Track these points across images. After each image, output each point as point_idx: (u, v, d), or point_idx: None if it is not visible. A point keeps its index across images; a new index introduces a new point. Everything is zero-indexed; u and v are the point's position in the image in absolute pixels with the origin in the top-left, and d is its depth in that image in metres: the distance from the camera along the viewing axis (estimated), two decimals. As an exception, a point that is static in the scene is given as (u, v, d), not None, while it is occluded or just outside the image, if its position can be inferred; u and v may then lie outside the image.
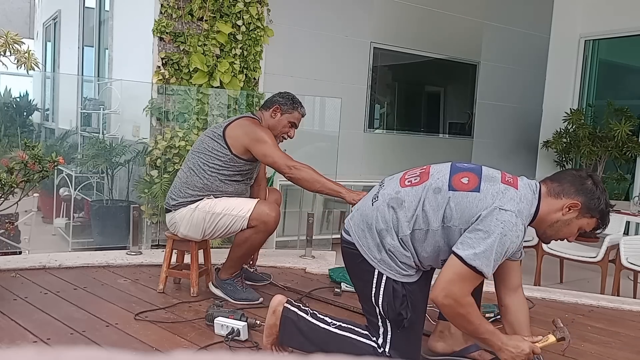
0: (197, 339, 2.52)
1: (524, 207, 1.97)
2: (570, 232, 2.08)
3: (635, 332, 3.03)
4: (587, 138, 6.85)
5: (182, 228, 3.09)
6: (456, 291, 1.90)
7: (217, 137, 3.07)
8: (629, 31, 6.89)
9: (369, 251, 2.09)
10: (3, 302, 2.80)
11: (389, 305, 2.07)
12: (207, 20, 4.84)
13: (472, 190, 1.98)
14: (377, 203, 2.12)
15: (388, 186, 2.16)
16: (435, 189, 2.03)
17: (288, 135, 3.25)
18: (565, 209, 2.03)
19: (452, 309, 1.92)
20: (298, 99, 3.28)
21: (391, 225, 2.05)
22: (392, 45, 6.22)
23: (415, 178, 2.11)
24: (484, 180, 2.01)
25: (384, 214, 2.07)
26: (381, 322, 2.12)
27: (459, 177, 2.04)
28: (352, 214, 2.23)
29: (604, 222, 2.08)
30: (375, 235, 2.07)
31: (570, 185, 2.05)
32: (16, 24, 11.99)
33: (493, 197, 1.95)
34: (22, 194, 3.14)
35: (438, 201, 2.00)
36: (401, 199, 2.06)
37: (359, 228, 2.13)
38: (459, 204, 1.97)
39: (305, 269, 3.88)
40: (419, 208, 2.02)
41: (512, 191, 1.98)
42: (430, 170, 2.12)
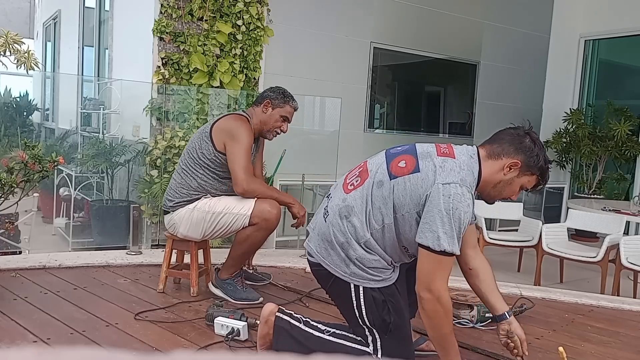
0: (197, 339, 2.52)
1: (465, 175, 1.98)
2: (513, 190, 2.11)
3: (635, 332, 3.03)
4: (587, 138, 6.85)
5: (181, 228, 3.09)
6: (437, 284, 1.92)
7: (204, 136, 3.07)
8: (629, 31, 6.89)
9: (338, 267, 2.08)
10: (3, 302, 2.80)
11: (373, 313, 2.07)
12: (207, 20, 4.84)
13: (412, 172, 1.99)
14: (329, 218, 2.11)
15: (334, 196, 2.16)
16: (378, 182, 2.03)
17: (281, 130, 3.21)
18: (506, 168, 2.06)
19: (432, 305, 1.93)
20: (289, 93, 3.24)
21: (349, 235, 2.04)
22: (392, 45, 6.22)
23: (356, 180, 2.12)
24: (420, 158, 2.02)
25: (339, 226, 2.06)
26: (368, 331, 2.13)
27: (396, 163, 2.04)
28: (310, 236, 2.21)
29: (544, 178, 2.11)
30: (339, 250, 2.06)
31: (509, 144, 2.07)
32: (16, 23, 11.99)
33: (434, 173, 1.95)
34: (22, 194, 3.13)
35: (384, 194, 2.01)
36: (350, 206, 2.06)
37: (321, 248, 2.12)
38: (404, 189, 1.98)
39: (305, 269, 3.88)
40: (369, 208, 2.02)
41: (450, 162, 1.99)
42: (368, 167, 2.13)
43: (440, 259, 1.92)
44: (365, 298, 2.07)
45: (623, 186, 7.09)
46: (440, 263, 1.93)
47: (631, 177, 7.03)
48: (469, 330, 2.85)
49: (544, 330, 2.94)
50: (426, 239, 1.91)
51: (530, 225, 4.80)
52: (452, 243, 1.91)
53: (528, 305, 3.15)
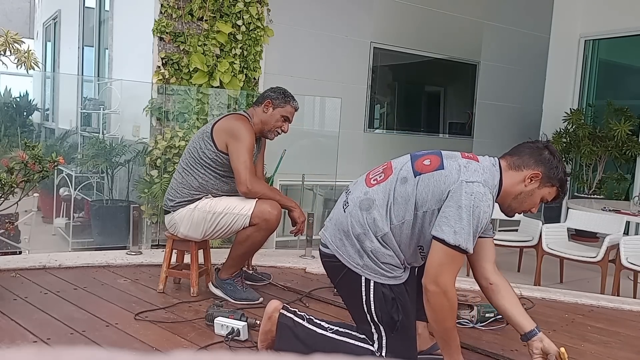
0: (197, 339, 2.52)
1: (488, 177, 2.02)
2: (534, 202, 2.13)
3: (635, 332, 3.03)
4: (587, 138, 6.85)
5: (182, 228, 3.09)
6: (445, 278, 1.92)
7: (205, 136, 3.08)
8: (629, 31, 6.89)
9: (351, 259, 2.08)
10: (3, 302, 2.80)
11: (381, 309, 2.07)
12: (207, 20, 4.84)
13: (436, 169, 2.02)
14: (348, 209, 2.12)
15: (355, 190, 2.17)
16: (402, 179, 2.05)
17: (282, 130, 3.22)
18: (528, 179, 2.08)
19: (438, 298, 1.93)
20: (290, 93, 3.25)
21: (367, 227, 2.05)
22: (392, 45, 6.22)
23: (379, 175, 2.14)
24: (445, 158, 2.06)
25: (358, 217, 2.07)
26: (374, 329, 2.13)
27: (421, 161, 2.08)
28: (326, 226, 2.22)
29: (563, 190, 2.13)
30: (354, 242, 2.07)
31: (529, 156, 2.10)
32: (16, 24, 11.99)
33: (458, 171, 1.99)
34: (22, 194, 3.13)
35: (407, 190, 2.03)
36: (371, 199, 2.07)
37: (336, 238, 2.13)
38: (427, 185, 2.00)
39: (305, 269, 3.88)
40: (391, 203, 2.04)
41: (474, 164, 2.04)
42: (393, 165, 2.15)
43: (453, 254, 1.92)
44: (375, 293, 2.07)
45: (623, 186, 7.09)
46: (452, 258, 1.93)
47: (631, 177, 7.03)
48: (469, 330, 2.85)
49: (544, 330, 2.92)
50: (442, 232, 1.92)
51: (530, 225, 4.80)
52: (468, 240, 1.91)
53: (528, 305, 3.15)
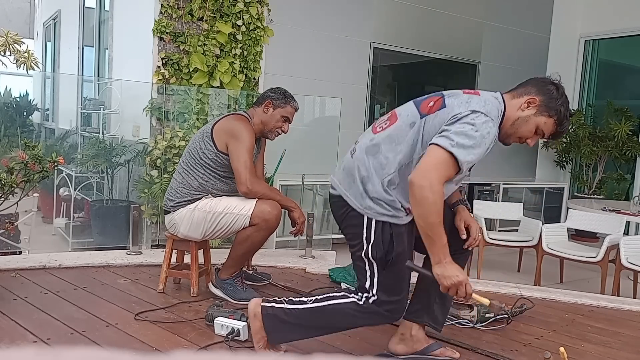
0: (197, 339, 2.52)
1: (490, 109, 2.05)
2: (529, 130, 2.13)
3: (635, 332, 3.03)
4: (587, 138, 6.85)
5: (182, 228, 3.09)
6: (433, 174, 1.93)
7: (205, 136, 3.08)
8: (629, 31, 6.89)
9: (356, 199, 2.15)
10: (3, 302, 2.80)
11: (377, 246, 2.12)
12: (207, 20, 4.84)
13: (440, 108, 2.07)
14: (355, 154, 2.20)
15: (362, 138, 2.25)
16: (410, 123, 2.11)
17: (282, 130, 3.23)
18: (524, 104, 2.11)
19: (422, 190, 1.92)
20: (290, 94, 3.26)
21: (372, 171, 2.12)
22: (392, 45, 6.22)
23: (385, 123, 2.20)
24: (447, 97, 2.11)
25: (364, 161, 2.14)
26: (368, 265, 2.17)
27: (426, 103, 2.13)
28: (335, 171, 2.30)
29: (561, 124, 2.13)
30: (359, 184, 2.14)
31: (532, 86, 2.15)
32: (16, 24, 11.99)
33: (459, 106, 2.04)
34: (22, 194, 3.14)
35: (414, 132, 2.09)
36: (377, 144, 2.14)
37: (345, 181, 2.20)
38: (432, 124, 2.05)
39: (305, 269, 3.88)
40: (399, 146, 2.10)
41: (475, 98, 2.08)
42: (397, 112, 2.21)
43: (447, 159, 1.94)
44: (375, 231, 2.12)
45: (623, 186, 7.09)
46: (444, 162, 1.94)
47: (631, 177, 7.03)
48: (469, 330, 2.85)
49: (544, 330, 2.94)
50: (438, 140, 1.96)
51: (530, 225, 4.80)
52: (464, 155, 1.93)
53: (528, 305, 3.15)
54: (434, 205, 1.93)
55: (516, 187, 6.92)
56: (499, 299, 3.34)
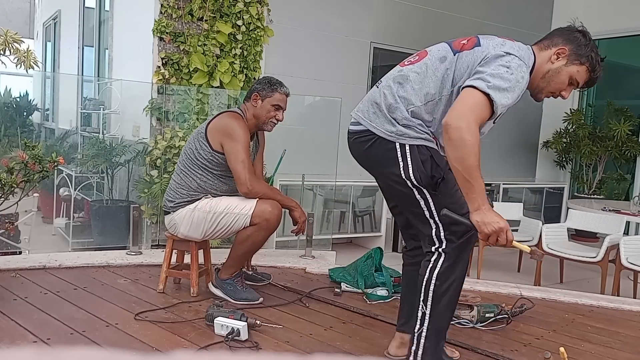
0: (197, 339, 2.52)
1: (524, 54, 2.01)
2: (561, 81, 2.08)
3: (635, 332, 3.03)
4: (587, 138, 6.85)
5: (182, 228, 3.09)
6: (469, 115, 1.86)
7: (200, 136, 3.07)
8: (629, 31, 6.89)
9: (383, 128, 2.07)
10: (3, 302, 2.80)
11: (419, 170, 2.03)
12: (207, 20, 4.84)
13: (474, 46, 2.03)
14: (381, 85, 2.14)
15: (389, 73, 2.18)
16: (441, 58, 2.07)
17: (276, 119, 3.16)
18: (554, 56, 2.07)
19: (460, 132, 1.84)
20: (277, 80, 3.18)
21: (398, 99, 2.06)
22: (392, 45, 6.22)
23: (414, 57, 2.15)
24: (482, 38, 2.08)
25: (391, 89, 2.09)
26: (419, 194, 2.07)
27: (458, 42, 2.10)
28: (358, 106, 2.22)
29: (594, 71, 2.08)
30: (385, 112, 2.07)
31: (559, 36, 2.10)
32: (16, 24, 11.98)
33: (494, 47, 2.00)
34: (22, 194, 3.13)
35: (446, 67, 2.04)
36: (405, 75, 2.09)
37: (369, 112, 2.13)
38: (465, 61, 2.01)
39: (305, 269, 3.88)
40: (428, 79, 2.05)
41: (509, 42, 2.05)
42: (427, 49, 2.17)
43: (483, 100, 1.88)
44: (412, 154, 2.04)
45: (623, 186, 7.09)
46: (481, 104, 1.88)
47: (631, 177, 7.03)
48: (469, 330, 2.85)
49: (544, 330, 2.94)
50: (473, 81, 1.91)
51: (530, 225, 4.80)
52: (499, 97, 1.88)
53: (528, 305, 3.15)
54: (472, 147, 1.85)
55: (516, 187, 6.92)
56: (499, 299, 3.34)
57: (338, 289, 3.35)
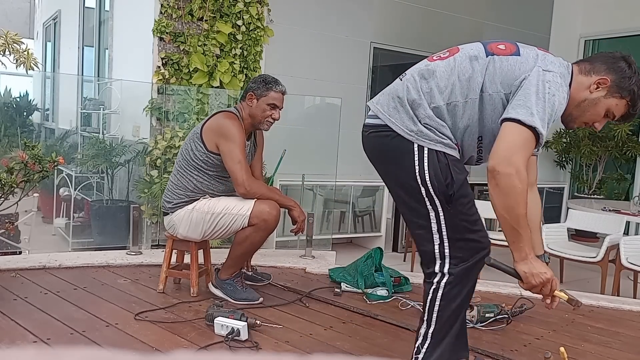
0: (197, 339, 2.52)
1: (564, 72, 1.89)
2: (597, 113, 1.94)
3: (635, 332, 3.03)
4: (587, 138, 6.85)
5: (181, 229, 3.09)
6: (518, 158, 1.73)
7: (195, 137, 3.07)
8: (629, 31, 6.89)
9: (404, 125, 1.92)
10: (3, 302, 2.80)
11: (436, 177, 1.88)
12: (207, 20, 4.84)
13: (512, 54, 1.90)
14: (406, 77, 1.98)
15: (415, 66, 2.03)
16: (472, 57, 1.93)
17: (272, 118, 3.13)
18: (594, 85, 1.91)
19: (509, 179, 1.71)
20: (272, 79, 3.15)
21: (422, 95, 1.91)
22: (392, 45, 6.22)
23: (444, 53, 2.01)
24: (521, 46, 1.94)
25: (415, 84, 1.93)
26: (430, 204, 1.91)
27: (495, 45, 1.95)
28: (377, 98, 2.04)
29: (634, 105, 1.93)
30: (408, 108, 1.92)
31: (602, 63, 1.94)
32: (16, 24, 11.99)
33: (535, 59, 1.87)
34: (22, 194, 3.13)
35: (475, 68, 1.90)
36: (432, 70, 1.94)
37: (389, 106, 1.96)
38: (499, 67, 1.88)
39: (305, 269, 3.88)
40: (454, 77, 1.91)
41: (550, 56, 1.92)
42: (460, 46, 2.02)
43: (527, 136, 1.74)
44: (430, 159, 1.88)
45: (623, 186, 7.09)
46: (525, 140, 1.75)
47: (631, 177, 7.03)
48: (469, 330, 2.82)
49: (544, 330, 2.94)
50: (517, 113, 1.75)
51: (530, 225, 4.79)
52: (544, 125, 1.75)
53: (528, 305, 3.15)
54: (522, 194, 1.73)
55: (516, 187, 6.90)
56: (499, 299, 3.34)
57: (338, 289, 3.35)
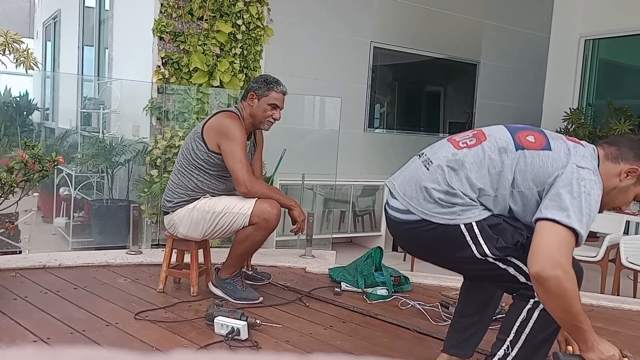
0: (197, 339, 2.52)
1: (595, 166, 1.84)
2: (626, 199, 1.95)
3: (635, 332, 3.03)
4: (587, 137, 6.85)
5: (181, 228, 3.09)
6: (562, 259, 1.67)
7: (196, 136, 3.07)
8: (629, 31, 6.89)
9: (444, 215, 1.85)
10: (3, 302, 2.80)
11: (499, 242, 1.84)
12: (207, 20, 4.84)
13: (543, 148, 1.83)
14: (432, 166, 1.90)
15: (440, 150, 1.95)
16: (500, 148, 1.85)
17: (273, 118, 3.13)
18: (624, 174, 1.89)
19: (559, 282, 1.65)
20: (274, 79, 3.15)
21: (453, 188, 1.85)
22: (392, 44, 6.22)
23: (470, 139, 1.93)
24: (551, 138, 1.88)
25: (444, 175, 1.86)
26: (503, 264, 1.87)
27: (524, 135, 1.88)
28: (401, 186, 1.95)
29: None
30: (438, 200, 1.86)
31: (629, 149, 1.90)
32: (16, 23, 11.99)
33: (567, 155, 1.81)
34: (22, 194, 3.13)
35: (505, 163, 1.83)
36: (460, 160, 1.87)
37: (419, 198, 1.88)
38: (530, 164, 1.82)
39: (305, 268, 3.88)
40: (484, 170, 1.85)
41: (581, 149, 1.87)
42: (486, 132, 1.94)
43: (567, 234, 1.70)
44: (482, 231, 1.83)
45: (623, 186, 7.08)
46: (568, 241, 1.70)
47: (631, 177, 7.02)
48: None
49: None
50: (552, 214, 1.71)
51: (530, 225, 4.79)
52: (582, 226, 1.70)
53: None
54: (574, 293, 1.70)
55: (516, 187, 6.91)
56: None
57: (338, 289, 3.35)
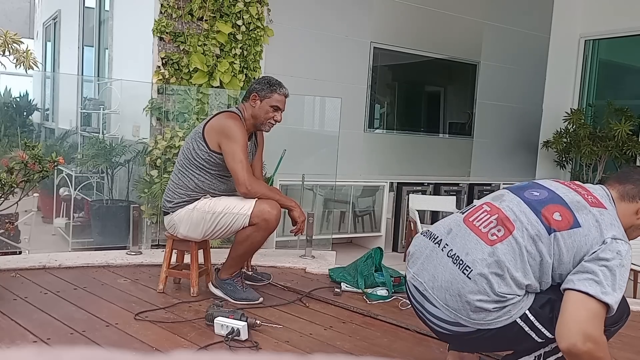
0: (197, 339, 2.52)
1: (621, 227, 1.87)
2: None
3: (635, 332, 3.03)
4: (587, 138, 6.85)
5: (181, 229, 3.09)
6: (594, 332, 1.69)
7: (198, 136, 3.07)
8: (629, 31, 6.89)
9: (499, 319, 1.84)
10: (3, 302, 2.80)
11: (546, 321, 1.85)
12: (207, 20, 4.84)
13: (573, 227, 1.83)
14: (474, 275, 1.84)
15: (468, 245, 1.90)
16: (534, 237, 1.84)
17: (274, 120, 3.14)
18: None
19: (591, 355, 1.68)
20: (276, 81, 3.16)
21: (506, 293, 1.82)
22: (392, 45, 6.22)
23: (497, 229, 1.89)
24: (575, 211, 1.87)
25: (490, 284, 1.82)
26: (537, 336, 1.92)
27: (549, 214, 1.86)
28: (441, 295, 1.89)
29: None
30: (496, 309, 1.83)
31: None
32: (16, 23, 12.00)
33: (597, 228, 1.83)
34: (22, 194, 3.13)
35: (542, 251, 1.83)
36: (501, 261, 1.83)
37: (466, 309, 1.85)
38: (565, 245, 1.81)
39: (305, 268, 3.88)
40: (526, 265, 1.83)
41: (606, 214, 1.87)
42: (507, 214, 1.90)
43: (601, 309, 1.72)
44: (538, 318, 1.84)
45: (623, 186, 7.08)
46: (599, 314, 1.72)
47: (631, 177, 7.01)
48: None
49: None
50: (587, 287, 1.72)
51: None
52: (616, 301, 1.73)
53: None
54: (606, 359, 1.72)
55: (516, 187, 6.91)
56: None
57: (338, 289, 3.35)
